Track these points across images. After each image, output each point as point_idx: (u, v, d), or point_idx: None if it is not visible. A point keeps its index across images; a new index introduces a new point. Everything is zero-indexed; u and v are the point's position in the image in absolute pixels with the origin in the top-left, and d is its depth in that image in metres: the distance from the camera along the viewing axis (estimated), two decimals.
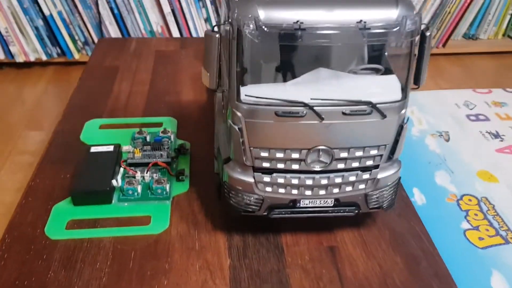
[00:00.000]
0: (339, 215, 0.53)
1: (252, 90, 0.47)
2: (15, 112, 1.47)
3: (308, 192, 0.51)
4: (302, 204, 0.51)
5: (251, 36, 0.43)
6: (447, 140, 1.31)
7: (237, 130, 0.48)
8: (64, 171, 0.66)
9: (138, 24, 1.63)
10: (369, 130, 0.48)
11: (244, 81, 0.47)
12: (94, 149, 0.66)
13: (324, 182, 0.50)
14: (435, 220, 1.05)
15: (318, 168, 0.49)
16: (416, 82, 0.50)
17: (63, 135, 0.74)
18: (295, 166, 0.49)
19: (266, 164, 0.49)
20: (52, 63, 1.70)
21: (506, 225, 1.03)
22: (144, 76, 0.91)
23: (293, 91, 0.47)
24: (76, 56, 1.66)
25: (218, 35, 0.46)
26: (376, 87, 0.48)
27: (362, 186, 0.51)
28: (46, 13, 1.57)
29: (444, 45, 1.79)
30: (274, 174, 0.50)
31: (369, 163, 0.50)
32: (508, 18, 1.85)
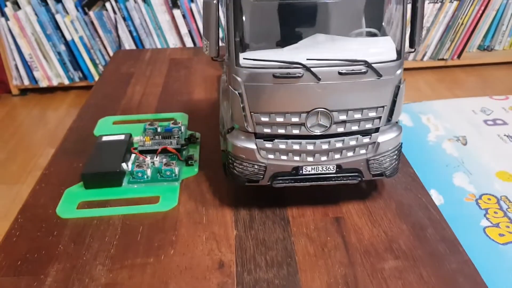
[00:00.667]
0: (342, 182, 0.53)
1: (250, 55, 0.48)
2: (38, 133, 1.52)
3: (309, 158, 0.51)
4: (304, 171, 0.52)
5: None
6: (465, 144, 1.30)
7: (237, 95, 0.49)
8: (77, 161, 0.68)
9: (156, 46, 1.68)
10: (366, 91, 0.49)
11: (243, 47, 0.49)
12: (106, 137, 0.68)
13: (325, 147, 0.51)
14: (454, 219, 1.02)
15: (318, 133, 0.50)
16: (412, 45, 0.51)
17: (77, 131, 0.77)
18: (295, 131, 0.50)
19: (267, 130, 0.50)
20: (74, 87, 1.77)
21: None
22: (158, 80, 0.94)
23: (290, 54, 0.48)
24: (97, 79, 1.72)
25: (215, 1, 0.48)
26: (372, 48, 0.49)
27: (363, 151, 0.52)
28: (68, 38, 1.64)
29: (459, 56, 1.79)
30: (276, 140, 0.51)
31: (368, 126, 0.50)
32: None
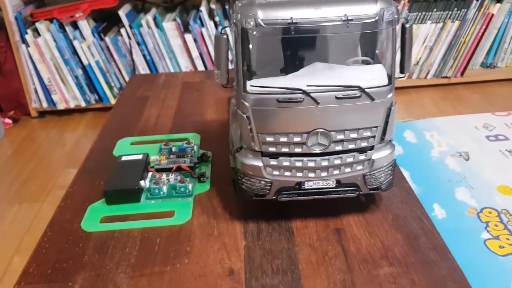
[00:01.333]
0: (341, 196, 0.58)
1: (256, 82, 0.54)
2: (56, 153, 1.59)
3: (311, 174, 0.57)
4: (306, 186, 0.57)
5: (251, 31, 0.51)
6: (467, 159, 1.34)
7: (245, 118, 0.55)
8: (98, 179, 0.74)
9: (169, 68, 1.75)
10: (360, 113, 0.54)
11: (249, 75, 0.55)
12: (125, 157, 0.74)
13: (324, 163, 0.56)
14: (455, 231, 1.07)
15: (318, 151, 0.55)
16: (402, 71, 0.56)
17: (98, 152, 0.83)
18: (298, 150, 0.55)
19: (272, 149, 0.56)
20: (90, 109, 1.84)
21: None
22: (172, 102, 1.00)
23: (292, 81, 0.54)
24: (113, 101, 1.79)
25: (225, 36, 0.54)
26: (365, 75, 0.54)
27: (359, 167, 0.57)
28: (85, 62, 1.72)
29: (462, 74, 1.84)
30: (280, 158, 0.56)
31: (364, 144, 0.56)
32: None
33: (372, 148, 0.56)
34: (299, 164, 0.56)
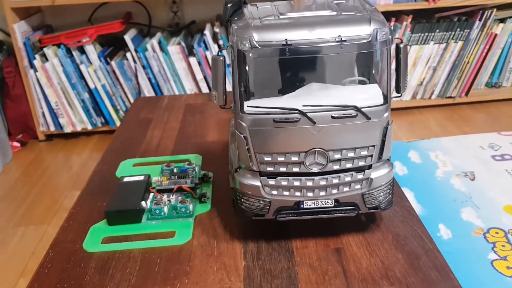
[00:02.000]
0: (340, 215, 0.58)
1: (253, 103, 0.55)
2: (63, 176, 1.60)
3: (309, 193, 0.57)
4: (305, 205, 0.57)
5: (247, 53, 0.52)
6: (473, 179, 1.33)
7: (243, 138, 0.55)
8: (101, 200, 0.74)
9: (174, 91, 1.77)
10: (357, 132, 0.54)
11: (246, 96, 0.55)
12: (127, 178, 0.74)
13: (323, 183, 0.56)
14: (462, 252, 1.06)
15: (316, 170, 0.56)
16: (398, 90, 0.56)
17: (101, 173, 0.83)
18: (295, 169, 0.56)
19: (270, 168, 0.56)
20: (96, 132, 1.86)
21: None
22: (174, 124, 1.01)
23: (289, 101, 0.54)
24: (118, 124, 1.81)
25: (222, 57, 0.55)
26: (361, 94, 0.55)
27: (358, 186, 0.57)
28: (92, 86, 1.75)
29: (467, 94, 1.84)
30: (278, 178, 0.57)
31: (361, 163, 0.56)
32: None
33: (370, 167, 0.57)
34: (297, 183, 0.56)
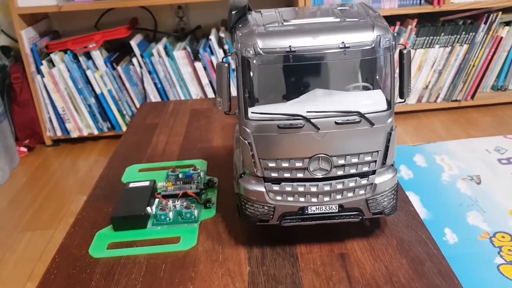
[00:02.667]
0: (344, 220, 0.58)
1: (257, 109, 0.55)
2: (69, 181, 1.61)
3: (314, 199, 0.57)
4: (309, 211, 0.57)
5: (251, 61, 0.52)
6: (479, 183, 1.33)
7: (247, 144, 0.56)
8: (107, 206, 0.75)
9: (179, 96, 1.78)
10: (361, 138, 0.54)
11: (251, 102, 0.56)
12: (132, 184, 0.75)
13: (327, 188, 0.56)
14: (468, 256, 1.05)
15: (320, 176, 0.56)
16: (401, 96, 0.57)
17: (107, 179, 0.84)
18: (299, 175, 0.56)
19: (274, 174, 0.56)
20: (102, 137, 1.87)
21: None
22: (180, 129, 1.02)
23: (293, 107, 0.55)
24: (125, 129, 1.82)
25: (227, 64, 0.55)
26: (364, 100, 0.55)
27: (362, 191, 0.57)
28: (98, 91, 1.76)
29: (472, 97, 1.84)
30: (282, 183, 0.57)
31: (365, 169, 0.56)
32: None
33: (374, 172, 0.57)
34: (301, 189, 0.57)
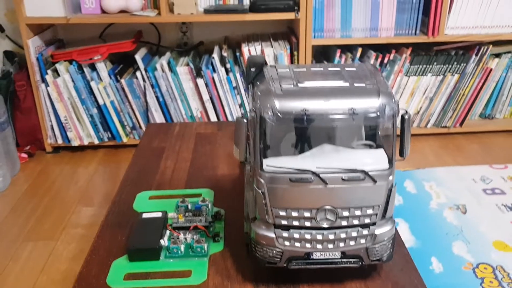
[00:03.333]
0: (346, 266, 0.64)
1: (271, 162, 0.61)
2: (70, 190, 1.65)
3: (319, 245, 0.63)
4: (314, 256, 0.63)
5: (269, 121, 0.58)
6: (464, 212, 1.39)
7: (261, 193, 0.61)
8: (120, 234, 0.80)
9: (180, 110, 1.83)
10: (364, 193, 0.60)
11: (265, 154, 0.61)
12: (146, 215, 0.80)
13: (331, 237, 0.62)
14: (452, 287, 1.12)
15: (325, 225, 0.62)
16: (401, 155, 0.63)
17: (119, 205, 0.89)
18: (307, 223, 0.62)
19: (284, 222, 0.62)
20: (102, 146, 1.91)
21: None
22: (186, 155, 1.07)
23: (303, 162, 0.60)
24: (125, 139, 1.87)
25: (245, 120, 0.61)
26: (368, 158, 0.61)
27: (362, 240, 0.63)
28: (101, 102, 1.80)
29: (461, 124, 1.91)
30: (291, 230, 0.62)
31: (367, 220, 0.62)
32: None
33: (374, 223, 0.63)
34: (308, 236, 0.62)
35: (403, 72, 1.81)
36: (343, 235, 0.62)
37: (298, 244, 0.63)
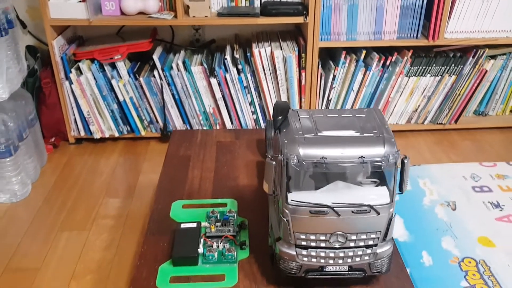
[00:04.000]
0: (352, 276, 0.80)
1: (294, 196, 0.75)
2: (95, 181, 1.80)
3: (331, 261, 0.78)
4: (327, 269, 0.79)
5: (295, 167, 0.72)
6: (454, 209, 1.55)
7: (285, 221, 0.76)
8: (162, 240, 0.95)
9: (194, 107, 1.96)
10: (369, 222, 0.75)
11: (289, 189, 0.76)
12: (183, 225, 0.95)
13: (341, 255, 0.78)
14: (439, 279, 1.28)
15: (337, 246, 0.77)
16: (400, 190, 0.77)
17: (158, 213, 1.04)
18: (322, 244, 0.77)
19: (303, 243, 0.77)
20: (122, 138, 2.05)
21: (499, 284, 1.25)
22: (210, 164, 1.21)
23: (320, 197, 0.75)
24: (143, 132, 2.01)
25: (274, 163, 0.75)
26: (373, 195, 0.76)
27: (366, 257, 0.78)
28: (121, 98, 1.93)
29: (456, 121, 2.05)
30: (309, 249, 0.78)
31: (370, 242, 0.77)
32: None
33: (376, 244, 0.78)
34: (322, 254, 0.78)
35: (404, 73, 1.94)
36: (350, 253, 0.78)
37: (314, 260, 0.78)
